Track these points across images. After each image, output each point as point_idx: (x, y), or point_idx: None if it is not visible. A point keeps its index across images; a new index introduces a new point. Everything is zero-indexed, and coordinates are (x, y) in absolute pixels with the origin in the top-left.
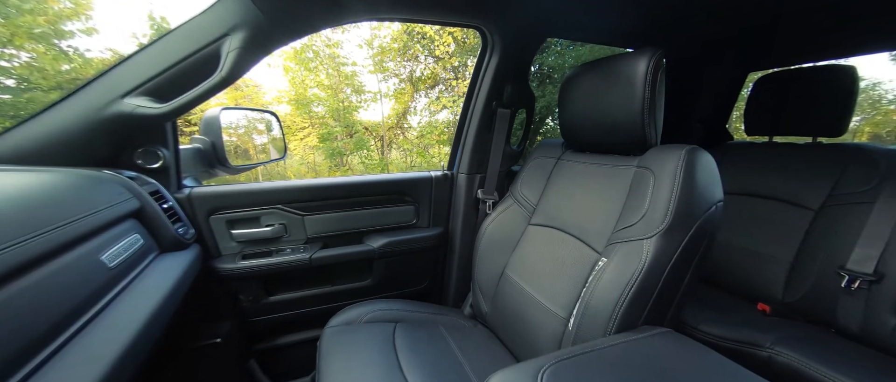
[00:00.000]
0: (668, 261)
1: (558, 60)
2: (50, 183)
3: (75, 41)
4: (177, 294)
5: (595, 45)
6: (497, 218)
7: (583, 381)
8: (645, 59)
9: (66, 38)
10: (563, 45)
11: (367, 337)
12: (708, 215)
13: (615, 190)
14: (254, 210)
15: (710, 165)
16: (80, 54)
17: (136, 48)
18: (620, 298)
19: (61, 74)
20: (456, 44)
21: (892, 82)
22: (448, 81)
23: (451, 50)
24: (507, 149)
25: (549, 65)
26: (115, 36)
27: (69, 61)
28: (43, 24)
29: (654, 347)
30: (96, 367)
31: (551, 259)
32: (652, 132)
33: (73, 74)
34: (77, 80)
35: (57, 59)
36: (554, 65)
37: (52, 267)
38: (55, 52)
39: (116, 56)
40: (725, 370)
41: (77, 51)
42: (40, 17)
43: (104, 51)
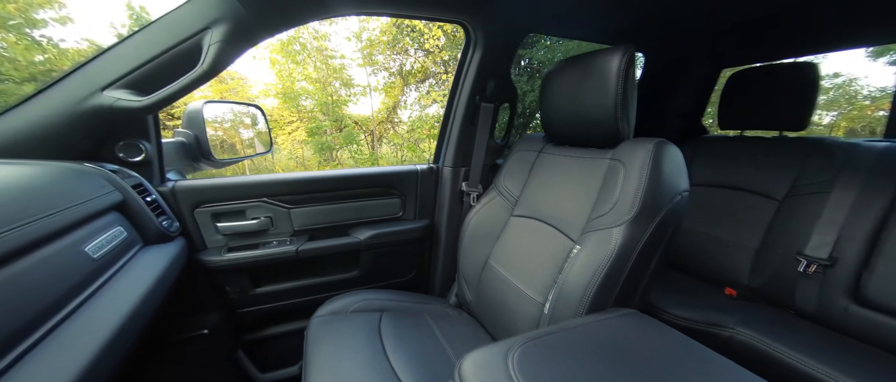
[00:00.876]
0: (636, 248)
1: (548, 55)
2: (30, 175)
3: (48, 30)
4: (162, 285)
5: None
6: (481, 210)
7: (549, 358)
8: (617, 55)
9: (38, 27)
10: (552, 40)
11: (354, 326)
12: (673, 204)
13: (590, 181)
14: (239, 203)
15: (676, 158)
16: (55, 44)
17: (115, 40)
18: (591, 282)
19: (35, 66)
20: (446, 37)
21: (867, 78)
22: (438, 75)
23: (441, 43)
24: (491, 142)
25: (539, 60)
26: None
27: (43, 51)
28: (13, 13)
29: (618, 326)
30: (82, 355)
31: (531, 248)
32: (624, 126)
33: (47, 66)
34: (52, 72)
35: (29, 49)
36: (543, 59)
37: (36, 258)
38: (27, 42)
39: (94, 47)
40: (682, 345)
41: (51, 40)
42: (10, 4)
43: (80, 41)
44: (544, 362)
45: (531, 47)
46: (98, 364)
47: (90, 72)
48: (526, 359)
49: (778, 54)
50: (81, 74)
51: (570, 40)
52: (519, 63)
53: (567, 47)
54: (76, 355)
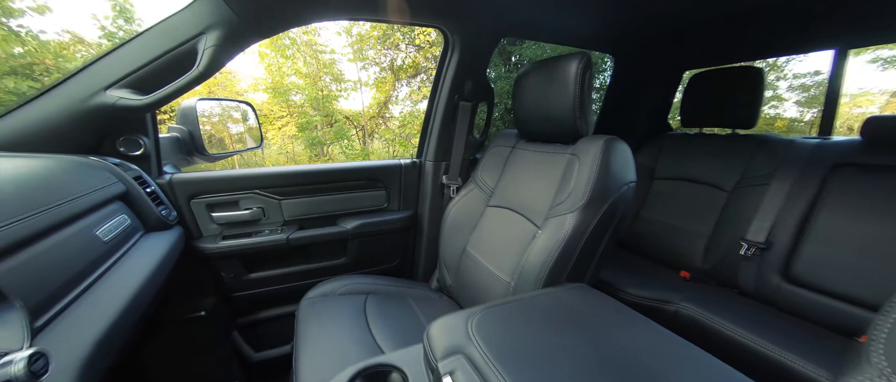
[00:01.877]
0: (586, 231)
1: (537, 51)
2: (44, 168)
3: (26, 20)
4: (163, 267)
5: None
6: (460, 201)
7: (502, 321)
8: (575, 62)
9: (15, 16)
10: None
11: (341, 307)
12: (620, 193)
13: (553, 173)
14: (232, 194)
15: (624, 153)
16: (34, 36)
17: (99, 32)
18: (546, 261)
19: (14, 58)
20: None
21: (845, 77)
22: (429, 70)
23: (433, 39)
24: (470, 138)
25: (528, 57)
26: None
27: (22, 43)
28: None
29: (566, 297)
30: (103, 317)
31: (503, 234)
32: (582, 124)
33: (28, 59)
34: (33, 65)
35: (7, 40)
36: (533, 56)
37: (61, 236)
38: (4, 32)
39: (74, 38)
40: (616, 309)
41: (30, 32)
42: None
43: (61, 33)
44: (497, 324)
45: (521, 44)
46: (116, 327)
47: (94, 72)
48: (483, 323)
49: (733, 57)
50: (86, 75)
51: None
52: (510, 60)
53: (555, 45)
54: (98, 318)
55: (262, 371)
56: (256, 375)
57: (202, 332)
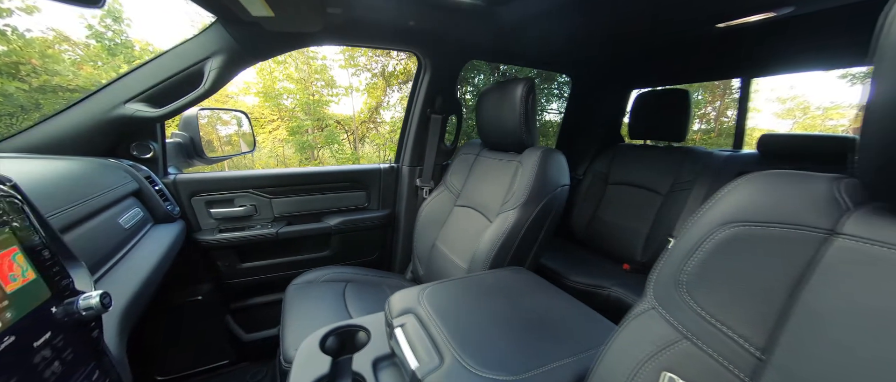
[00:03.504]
0: (525, 224)
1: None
2: (80, 168)
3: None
4: (170, 253)
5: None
6: (432, 201)
7: (447, 292)
8: (521, 86)
9: (2, 16)
10: None
11: (323, 292)
12: (554, 194)
13: (504, 177)
14: (228, 193)
15: (558, 161)
16: (20, 34)
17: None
18: (492, 248)
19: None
20: None
21: (818, 91)
22: None
23: None
24: (442, 146)
25: (514, 71)
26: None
27: (7, 42)
28: None
29: (503, 276)
30: (130, 285)
31: (464, 229)
32: (527, 137)
33: (13, 58)
34: (20, 64)
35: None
36: (519, 70)
37: (95, 222)
38: None
39: (59, 36)
40: (540, 285)
41: (16, 30)
42: None
43: (47, 31)
44: (443, 294)
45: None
46: (142, 290)
47: (116, 88)
48: (432, 293)
49: (670, 80)
50: (109, 90)
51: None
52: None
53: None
54: (130, 282)
55: (252, 350)
56: (247, 353)
57: (199, 314)
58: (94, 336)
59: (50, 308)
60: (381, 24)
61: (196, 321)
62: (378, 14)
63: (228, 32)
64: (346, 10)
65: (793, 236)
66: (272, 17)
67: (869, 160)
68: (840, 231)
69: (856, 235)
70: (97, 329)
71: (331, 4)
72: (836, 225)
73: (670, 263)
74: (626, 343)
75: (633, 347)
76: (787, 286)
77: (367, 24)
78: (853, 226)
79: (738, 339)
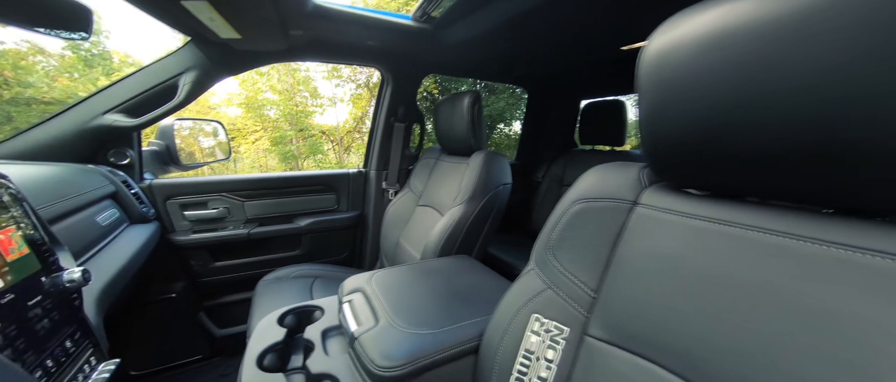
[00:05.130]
0: (469, 217)
1: None
2: (61, 172)
3: None
4: (144, 251)
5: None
6: (397, 203)
7: (394, 276)
8: (468, 98)
9: None
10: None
11: (291, 287)
12: (495, 192)
13: (457, 178)
14: (202, 196)
15: (500, 163)
16: None
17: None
18: (440, 239)
19: None
20: None
21: None
22: None
23: None
24: (406, 151)
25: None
26: None
27: None
28: None
29: (446, 262)
30: (106, 273)
31: (423, 226)
32: (475, 142)
33: None
34: None
35: None
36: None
37: (76, 218)
38: None
39: (34, 48)
40: (475, 267)
41: None
42: None
43: (20, 42)
44: (390, 276)
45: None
46: (115, 281)
47: (96, 101)
48: (380, 276)
49: (612, 92)
50: (90, 103)
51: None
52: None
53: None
54: (105, 271)
55: (223, 345)
56: (220, 348)
57: (172, 311)
58: (76, 305)
59: (40, 277)
60: (343, 44)
61: (170, 318)
62: (338, 35)
63: (201, 51)
64: (308, 31)
65: (613, 207)
66: (240, 38)
67: (645, 155)
68: (639, 201)
69: (647, 204)
70: (78, 299)
71: (292, 27)
72: (638, 197)
73: (544, 234)
74: (511, 297)
75: (516, 298)
76: (610, 242)
77: (329, 44)
78: (646, 198)
79: (581, 284)
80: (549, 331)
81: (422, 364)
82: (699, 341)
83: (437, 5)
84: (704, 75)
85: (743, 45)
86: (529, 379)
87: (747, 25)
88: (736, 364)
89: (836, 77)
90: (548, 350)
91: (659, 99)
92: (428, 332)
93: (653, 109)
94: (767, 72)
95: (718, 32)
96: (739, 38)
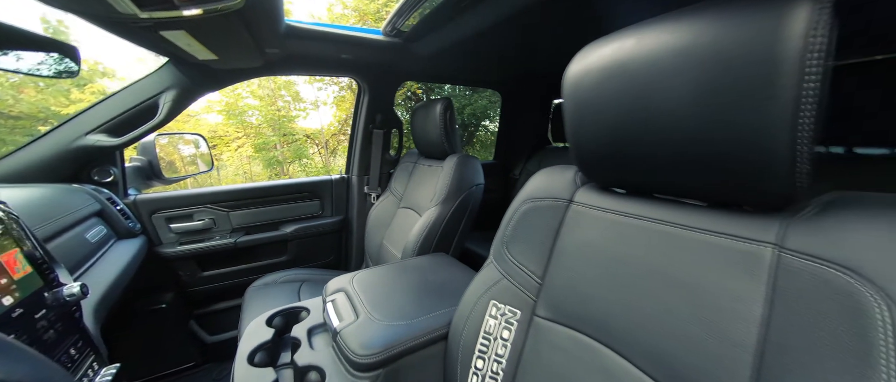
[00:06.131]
0: (445, 217)
1: None
2: (50, 193)
3: None
4: (132, 265)
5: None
6: (379, 206)
7: (374, 276)
8: (440, 105)
9: None
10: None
11: (279, 291)
12: (468, 192)
13: (433, 180)
14: (187, 209)
15: (472, 165)
16: None
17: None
18: (418, 238)
19: None
20: None
21: None
22: None
23: None
24: (387, 156)
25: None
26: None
27: None
28: None
29: (424, 260)
30: (99, 287)
31: (404, 227)
32: (448, 146)
33: None
34: None
35: None
36: None
37: (67, 236)
38: None
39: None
40: (451, 263)
41: None
42: None
43: None
44: (369, 276)
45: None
46: (107, 294)
47: (78, 122)
48: (362, 276)
49: None
50: (72, 124)
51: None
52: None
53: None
54: (98, 285)
55: (216, 351)
56: (212, 354)
57: (163, 321)
58: (76, 316)
59: (43, 292)
60: (318, 58)
61: (161, 327)
62: (313, 50)
63: (180, 71)
64: (283, 49)
65: (554, 205)
66: (217, 59)
67: (575, 161)
68: (574, 200)
69: (580, 202)
70: (78, 311)
71: (268, 47)
72: (573, 196)
73: (500, 231)
74: (473, 287)
75: (477, 288)
76: (552, 235)
77: (305, 58)
78: (579, 196)
79: (529, 273)
80: (504, 315)
81: (397, 352)
82: (612, 313)
83: (405, 20)
84: (607, 96)
85: (631, 74)
86: (489, 356)
87: (632, 59)
88: (636, 328)
89: (689, 103)
90: (504, 330)
91: (578, 116)
92: (403, 323)
93: (575, 123)
94: (647, 97)
95: (615, 63)
96: (629, 69)
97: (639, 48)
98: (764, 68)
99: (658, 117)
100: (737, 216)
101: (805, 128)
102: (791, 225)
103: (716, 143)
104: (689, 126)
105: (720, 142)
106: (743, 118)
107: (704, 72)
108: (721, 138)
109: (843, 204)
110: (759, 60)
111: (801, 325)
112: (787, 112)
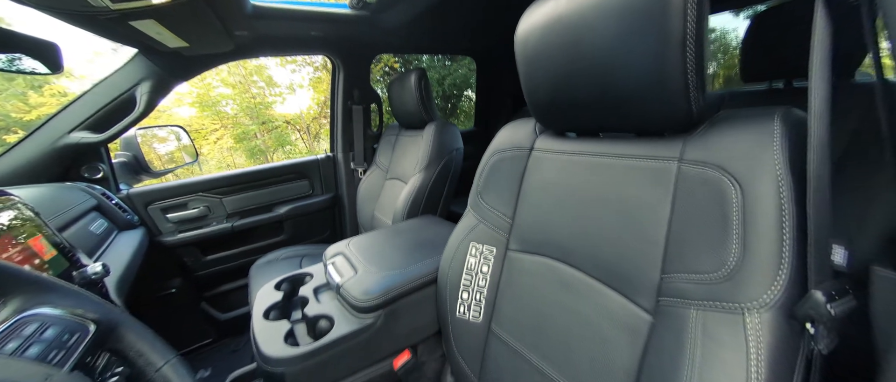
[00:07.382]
0: (429, 182)
1: None
2: (49, 191)
3: None
4: (138, 254)
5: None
6: (366, 180)
7: (369, 239)
8: (414, 75)
9: None
10: None
11: (283, 267)
12: (449, 156)
13: (415, 149)
14: (181, 198)
15: (449, 131)
16: None
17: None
18: (405, 203)
19: None
20: None
21: (736, 31)
22: None
23: None
24: (369, 131)
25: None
26: None
27: None
28: None
29: (413, 222)
30: (116, 268)
31: (392, 197)
32: (426, 115)
33: None
34: None
35: None
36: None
37: (72, 230)
38: None
39: None
40: (438, 222)
41: None
42: None
43: None
44: (365, 240)
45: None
46: (124, 277)
47: (59, 121)
48: (357, 240)
49: None
50: (52, 124)
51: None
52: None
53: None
54: (116, 268)
55: (229, 327)
56: (226, 330)
57: (175, 304)
58: (104, 293)
59: (71, 272)
60: (288, 37)
61: (174, 310)
62: (282, 30)
63: (151, 61)
64: (252, 31)
65: (517, 155)
66: (187, 46)
67: (531, 111)
68: (534, 147)
69: (539, 148)
70: (104, 287)
71: (236, 29)
72: (533, 144)
73: (475, 183)
74: (456, 234)
75: (459, 234)
76: (518, 180)
77: (275, 39)
78: (538, 144)
79: (501, 214)
80: (482, 253)
81: (394, 295)
82: (568, 236)
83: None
84: (551, 50)
85: (566, 27)
86: (472, 288)
87: (567, 13)
88: (585, 244)
89: (612, 50)
90: (483, 265)
91: (529, 70)
92: (397, 272)
93: (526, 78)
94: (581, 48)
95: (553, 19)
96: (564, 23)
97: (571, 3)
98: (659, 15)
99: (591, 65)
100: (655, 141)
101: (691, 61)
102: (688, 142)
103: (633, 81)
104: (615, 70)
105: (636, 80)
106: (649, 58)
107: (621, 21)
108: (636, 77)
109: (723, 120)
110: (658, 10)
111: (691, 215)
112: (677, 50)
